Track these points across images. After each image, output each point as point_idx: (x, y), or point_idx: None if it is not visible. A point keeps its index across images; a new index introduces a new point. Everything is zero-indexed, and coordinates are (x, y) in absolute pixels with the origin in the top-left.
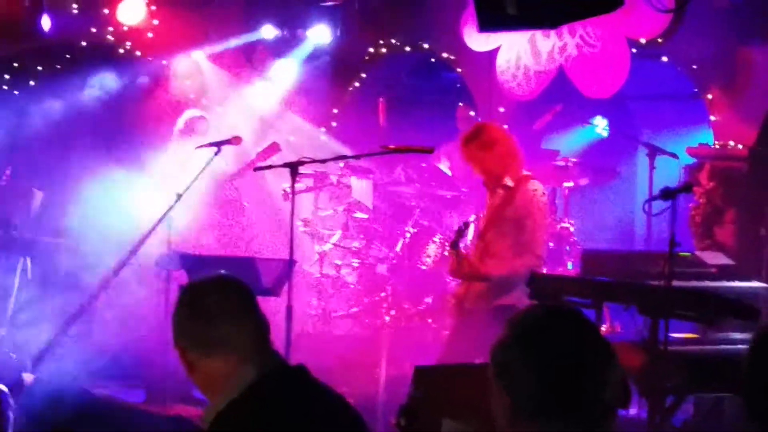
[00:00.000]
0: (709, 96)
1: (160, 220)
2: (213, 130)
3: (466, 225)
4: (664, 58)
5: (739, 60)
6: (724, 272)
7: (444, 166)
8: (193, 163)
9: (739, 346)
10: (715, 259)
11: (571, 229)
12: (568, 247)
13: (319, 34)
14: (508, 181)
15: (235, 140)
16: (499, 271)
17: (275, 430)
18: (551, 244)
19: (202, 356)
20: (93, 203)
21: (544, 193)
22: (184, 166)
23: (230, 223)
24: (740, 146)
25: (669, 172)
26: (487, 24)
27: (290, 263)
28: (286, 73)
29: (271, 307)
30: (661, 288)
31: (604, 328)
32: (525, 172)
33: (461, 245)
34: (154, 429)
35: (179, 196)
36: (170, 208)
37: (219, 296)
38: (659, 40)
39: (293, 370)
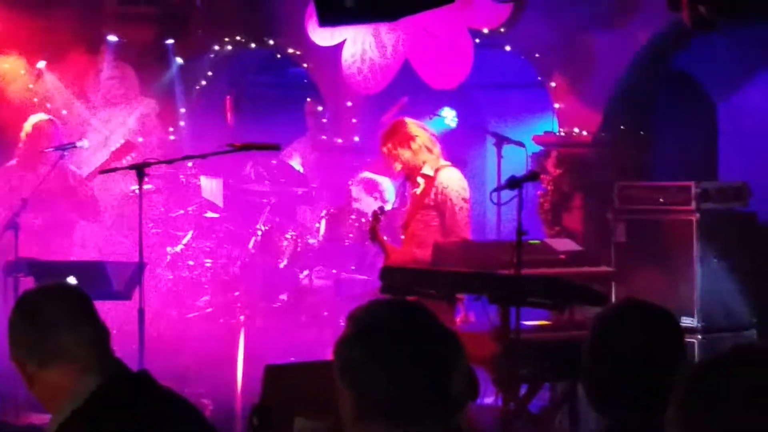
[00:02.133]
0: (553, 84)
1: (6, 226)
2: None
3: (381, 210)
4: (507, 47)
5: (581, 47)
6: (573, 258)
7: (295, 163)
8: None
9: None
10: (564, 245)
11: None
12: None
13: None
14: (428, 170)
15: (80, 142)
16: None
17: None
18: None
19: (40, 368)
20: None
21: (461, 179)
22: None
23: (84, 227)
24: (585, 133)
25: (517, 161)
26: (327, 18)
27: (140, 266)
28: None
29: (123, 311)
30: (511, 276)
31: (458, 319)
32: (443, 162)
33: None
34: None
35: (25, 201)
36: (16, 213)
37: (54, 306)
38: (501, 30)
39: (135, 376)
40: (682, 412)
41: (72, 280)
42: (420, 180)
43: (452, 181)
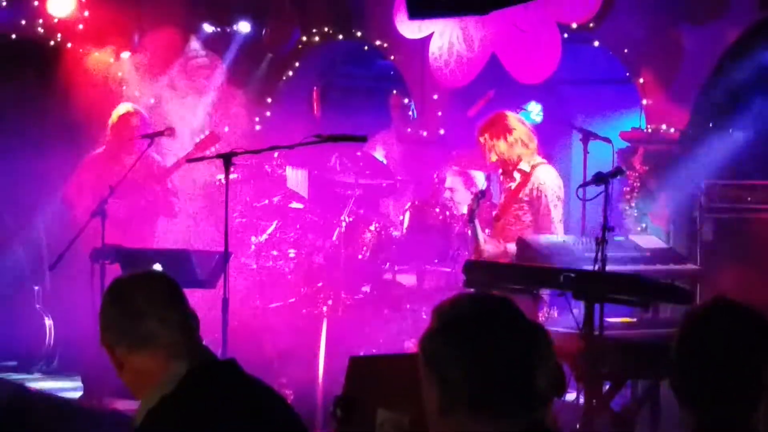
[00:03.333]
0: (641, 80)
1: (94, 213)
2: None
3: (482, 194)
4: (596, 43)
5: (670, 43)
6: (658, 255)
7: (379, 155)
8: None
9: (674, 330)
10: (649, 242)
11: None
12: None
13: (246, 26)
14: (525, 166)
15: (168, 131)
16: None
17: (206, 426)
18: (487, 231)
19: (129, 353)
20: (29, 199)
21: (557, 177)
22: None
23: (168, 216)
24: (672, 129)
25: (604, 157)
26: (417, 11)
27: (225, 255)
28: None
29: (207, 300)
30: (595, 273)
31: (540, 314)
32: (539, 159)
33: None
34: (91, 425)
35: (112, 189)
36: (103, 201)
37: (145, 292)
38: (590, 25)
39: (223, 364)
40: None
41: (158, 267)
42: (516, 175)
43: (549, 179)
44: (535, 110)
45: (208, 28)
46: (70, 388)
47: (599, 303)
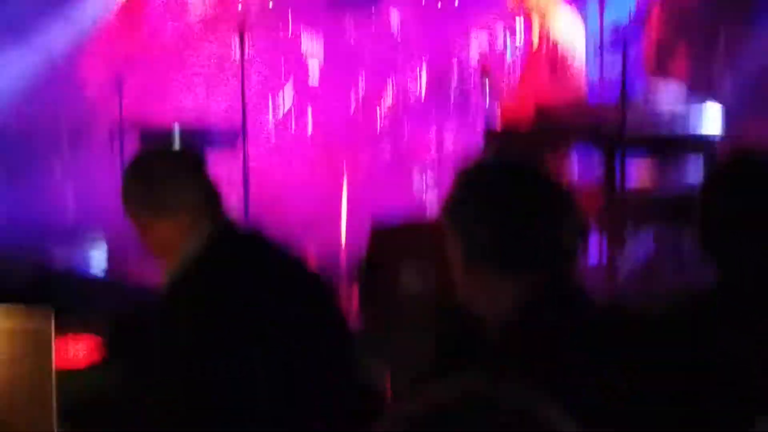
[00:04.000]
0: None
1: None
2: None
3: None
4: None
5: None
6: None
7: None
8: None
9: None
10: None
11: None
12: None
13: None
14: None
15: None
16: None
17: (230, 290)
18: None
19: (154, 221)
20: None
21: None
22: None
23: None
24: None
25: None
26: None
27: (243, 126)
28: None
29: (226, 170)
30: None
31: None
32: None
33: None
34: (114, 298)
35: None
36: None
37: (168, 162)
38: None
39: (247, 230)
40: None
41: (176, 140)
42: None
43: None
44: None
45: None
46: (93, 262)
47: (621, 157)
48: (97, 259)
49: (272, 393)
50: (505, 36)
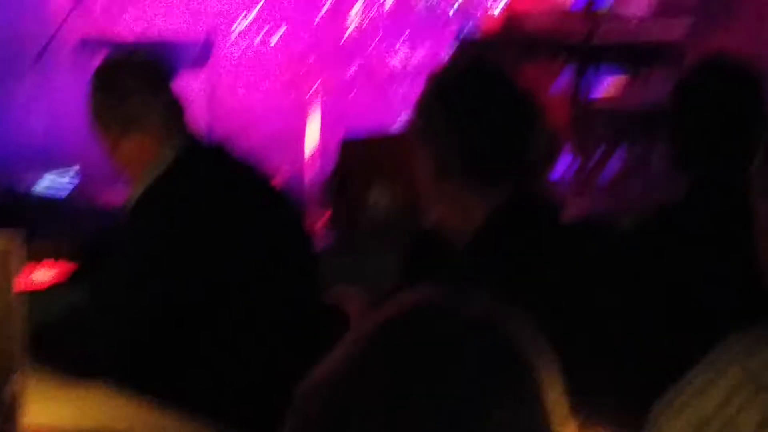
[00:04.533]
0: None
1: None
2: None
3: None
4: None
5: None
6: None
7: None
8: None
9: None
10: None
11: None
12: None
13: None
14: None
15: None
16: None
17: (198, 205)
18: None
19: (121, 136)
20: None
21: None
22: None
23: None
24: None
25: None
26: None
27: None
28: None
29: (192, 87)
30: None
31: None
32: None
33: None
34: (84, 219)
35: None
36: None
37: (132, 72)
38: None
39: (212, 148)
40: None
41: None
42: None
43: None
44: None
45: None
46: (64, 182)
47: (593, 69)
48: (67, 183)
49: (237, 311)
50: None
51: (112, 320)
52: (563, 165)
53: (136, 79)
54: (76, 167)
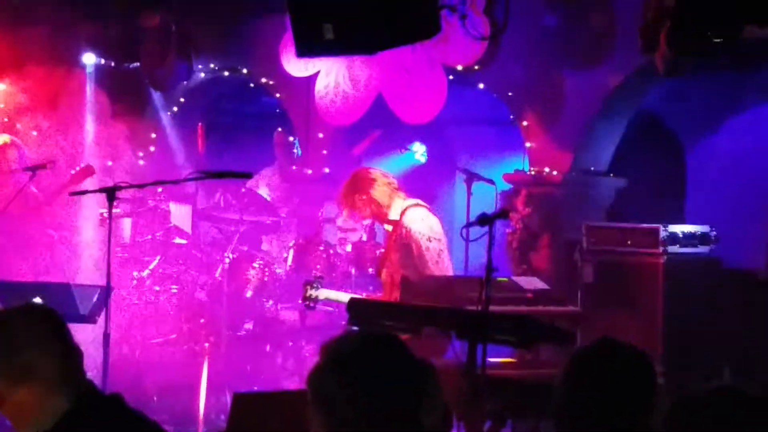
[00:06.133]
0: (525, 122)
1: None
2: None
3: None
4: (481, 85)
5: (553, 87)
6: (540, 297)
7: (263, 192)
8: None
9: (554, 371)
10: (531, 283)
11: None
12: None
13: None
14: (394, 215)
15: (49, 164)
16: None
17: None
18: (371, 270)
19: (9, 387)
20: None
21: (426, 217)
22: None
23: (46, 248)
24: (555, 172)
25: (487, 198)
26: (305, 49)
27: (107, 290)
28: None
29: (88, 334)
30: (478, 312)
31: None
32: (408, 201)
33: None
34: None
35: None
36: None
37: (24, 324)
38: (476, 67)
39: (107, 398)
40: None
41: (38, 301)
42: (388, 227)
43: (416, 220)
44: (419, 150)
45: (89, 59)
46: None
47: (482, 342)
48: None
49: None
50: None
51: None
52: None
53: (28, 331)
54: None
